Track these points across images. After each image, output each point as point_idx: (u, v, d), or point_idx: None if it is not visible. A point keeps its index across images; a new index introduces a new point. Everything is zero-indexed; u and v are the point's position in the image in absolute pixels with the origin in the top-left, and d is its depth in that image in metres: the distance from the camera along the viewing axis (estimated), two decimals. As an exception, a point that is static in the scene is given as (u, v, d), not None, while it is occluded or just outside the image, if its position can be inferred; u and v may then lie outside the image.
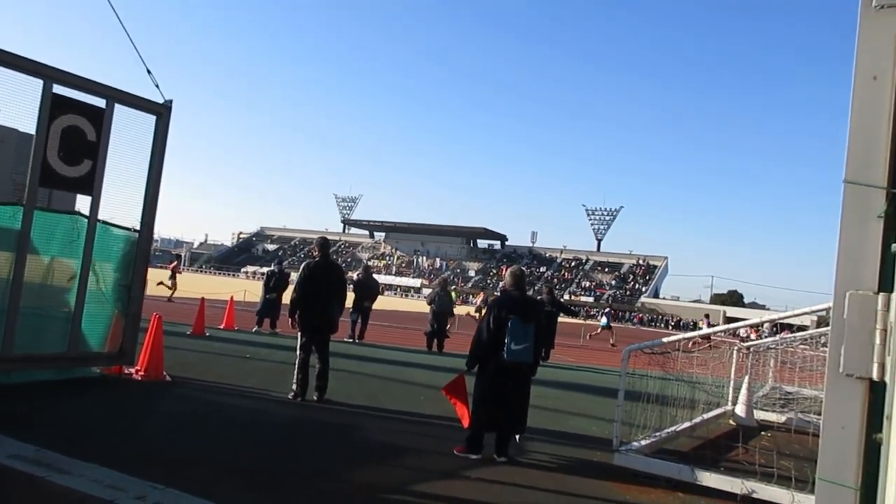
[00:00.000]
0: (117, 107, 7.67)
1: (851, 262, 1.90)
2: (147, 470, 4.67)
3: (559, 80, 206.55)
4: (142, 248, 8.12)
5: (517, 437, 6.41)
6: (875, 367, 1.81)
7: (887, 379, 1.75)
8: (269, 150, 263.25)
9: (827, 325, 11.46)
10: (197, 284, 25.95)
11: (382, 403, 8.32)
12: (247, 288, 29.74)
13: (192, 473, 4.81)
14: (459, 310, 21.71)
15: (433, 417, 7.66)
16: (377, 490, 4.90)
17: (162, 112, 8.13)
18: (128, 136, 7.92)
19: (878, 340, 1.81)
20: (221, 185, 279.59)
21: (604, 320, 30.56)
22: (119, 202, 8.00)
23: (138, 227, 8.13)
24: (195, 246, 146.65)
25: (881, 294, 1.83)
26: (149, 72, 8.06)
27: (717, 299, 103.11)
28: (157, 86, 8.08)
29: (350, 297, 10.89)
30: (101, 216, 7.66)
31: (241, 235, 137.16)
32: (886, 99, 1.92)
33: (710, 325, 30.55)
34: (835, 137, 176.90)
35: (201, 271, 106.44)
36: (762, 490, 5.38)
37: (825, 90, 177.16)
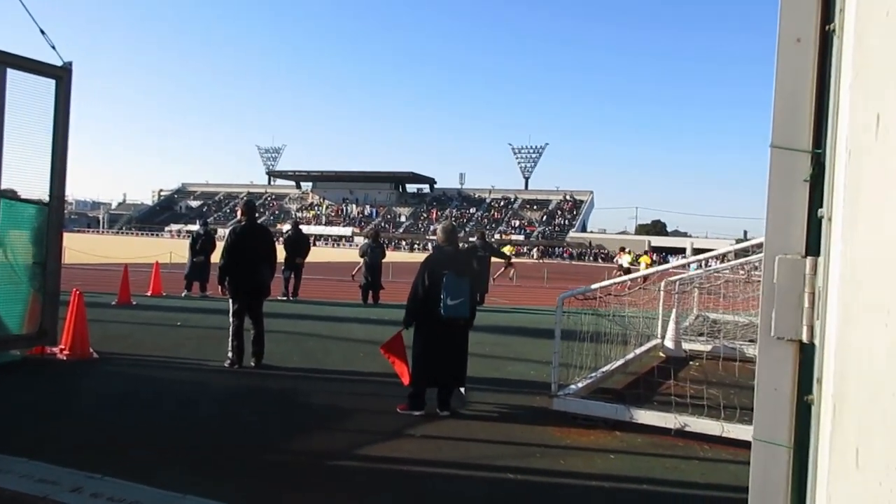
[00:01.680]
0: (11, 72, 7.11)
1: (780, 227, 1.91)
2: (80, 458, 4.51)
3: (480, 21, 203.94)
4: (54, 221, 7.68)
5: (462, 389, 6.49)
6: (805, 329, 1.84)
7: (816, 341, 1.79)
8: (186, 103, 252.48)
9: (746, 254, 11.95)
10: (119, 248, 24.81)
11: (322, 364, 8.27)
12: (172, 249, 28.79)
13: (129, 457, 4.68)
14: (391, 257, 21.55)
15: (374, 375, 7.67)
16: (323, 457, 4.90)
17: (62, 75, 7.59)
18: (26, 102, 7.38)
19: (806, 303, 1.84)
20: (138, 141, 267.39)
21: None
22: (24, 174, 7.51)
23: (47, 200, 7.67)
24: (113, 207, 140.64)
25: (809, 258, 1.85)
26: (42, 32, 7.48)
27: (642, 230, 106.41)
28: (53, 47, 7.52)
29: (281, 255, 10.68)
30: (3, 189, 7.18)
31: (162, 193, 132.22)
32: (810, 61, 1.91)
33: (636, 259, 31.40)
34: (741, 60, 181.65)
35: (122, 233, 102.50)
36: (694, 423, 5.63)
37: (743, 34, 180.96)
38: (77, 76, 7.72)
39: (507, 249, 31.73)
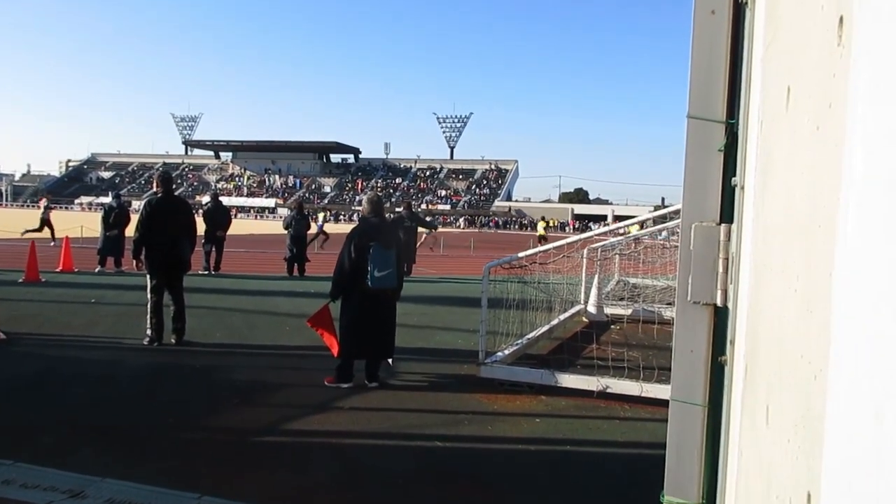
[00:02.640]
0: None
1: (696, 195, 1.97)
2: (-12, 445, 4.29)
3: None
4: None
5: (390, 360, 6.49)
6: (719, 293, 1.91)
7: (730, 305, 1.86)
8: (95, 66, 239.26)
9: (664, 220, 12.35)
10: (25, 222, 23.50)
11: (246, 339, 8.11)
12: (83, 223, 27.41)
13: (42, 441, 4.50)
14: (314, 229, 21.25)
15: (300, 348, 7.58)
16: (246, 433, 4.83)
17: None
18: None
19: (720, 269, 1.91)
20: (44, 108, 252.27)
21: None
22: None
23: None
24: (17, 178, 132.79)
25: (723, 225, 1.92)
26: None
27: (565, 198, 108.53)
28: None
29: (201, 228, 10.31)
30: None
31: (71, 164, 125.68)
32: (724, 34, 1.96)
33: (546, 226, 32.72)
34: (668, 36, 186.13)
35: (27, 206, 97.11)
36: (615, 384, 5.84)
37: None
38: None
39: (541, 226, 31.73)
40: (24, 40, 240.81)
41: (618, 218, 73.33)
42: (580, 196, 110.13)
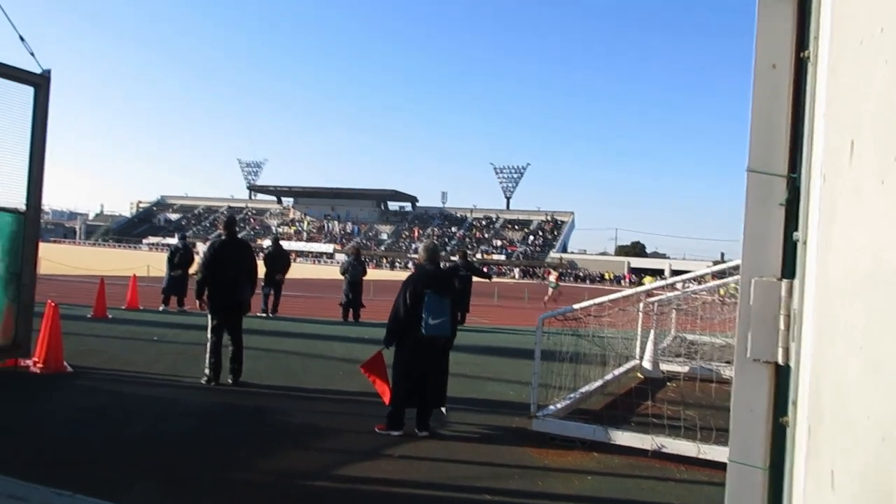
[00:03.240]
0: (-11, 79, 7.04)
1: (756, 250, 1.93)
2: (50, 474, 4.42)
3: (464, 41, 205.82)
4: (30, 232, 7.56)
5: (443, 409, 6.45)
6: (780, 351, 1.86)
7: (792, 363, 1.80)
8: (167, 113, 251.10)
9: (723, 276, 12.06)
10: (96, 260, 24.50)
11: (300, 382, 8.19)
12: (150, 262, 28.45)
13: (100, 474, 4.60)
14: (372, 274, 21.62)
15: (353, 394, 7.60)
16: (296, 476, 4.83)
17: (40, 83, 7.52)
18: (3, 110, 7.30)
19: (782, 326, 1.86)
20: (117, 150, 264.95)
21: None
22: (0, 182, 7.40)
23: (24, 209, 7.56)
24: (91, 217, 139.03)
25: (784, 280, 1.87)
26: (22, 39, 7.43)
27: (622, 251, 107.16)
28: (32, 54, 7.45)
29: (261, 271, 10.57)
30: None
31: (141, 205, 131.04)
32: (785, 87, 1.95)
33: (560, 276, 32.82)
34: (726, 93, 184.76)
35: (99, 245, 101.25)
36: (671, 444, 5.64)
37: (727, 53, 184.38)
38: (56, 84, 7.65)
39: (552, 277, 31.84)
40: (102, 90, 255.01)
41: (675, 272, 71.92)
42: (637, 249, 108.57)
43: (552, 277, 30.08)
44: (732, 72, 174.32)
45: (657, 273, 79.66)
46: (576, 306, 6.96)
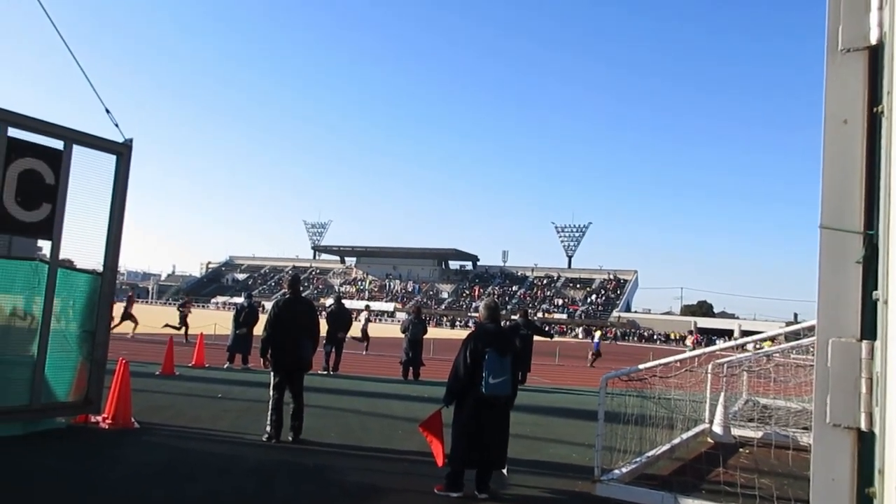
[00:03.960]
0: (76, 148, 7.49)
1: (832, 309, 1.86)
2: (115, 530, 4.47)
3: (524, 100, 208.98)
4: (105, 292, 7.89)
5: (504, 470, 6.31)
6: (863, 416, 1.76)
7: (876, 429, 1.70)
8: (236, 177, 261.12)
9: (797, 337, 11.58)
10: (166, 319, 25.48)
11: (360, 440, 8.16)
12: (217, 321, 29.19)
13: (163, 531, 4.63)
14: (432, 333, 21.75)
15: (412, 453, 7.52)
16: (357, 538, 4.76)
17: (122, 151, 7.97)
18: (88, 177, 7.72)
19: (864, 389, 1.77)
20: (188, 213, 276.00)
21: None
22: (80, 244, 7.77)
23: (101, 270, 7.91)
24: (163, 278, 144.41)
25: (865, 342, 1.79)
26: (107, 111, 7.92)
27: (688, 310, 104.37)
28: (116, 125, 7.93)
29: (323, 329, 10.71)
30: (62, 259, 7.45)
31: (210, 265, 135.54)
32: (858, 143, 1.90)
33: (696, 340, 32.02)
34: (793, 151, 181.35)
35: (170, 304, 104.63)
36: (746, 515, 5.35)
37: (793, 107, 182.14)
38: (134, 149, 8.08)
39: (598, 334, 31.10)
40: (175, 154, 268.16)
41: (745, 333, 69.48)
42: (704, 309, 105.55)
43: (597, 335, 29.75)
44: (801, 127, 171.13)
45: (726, 334, 77.16)
46: (640, 367, 6.78)
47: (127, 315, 23.17)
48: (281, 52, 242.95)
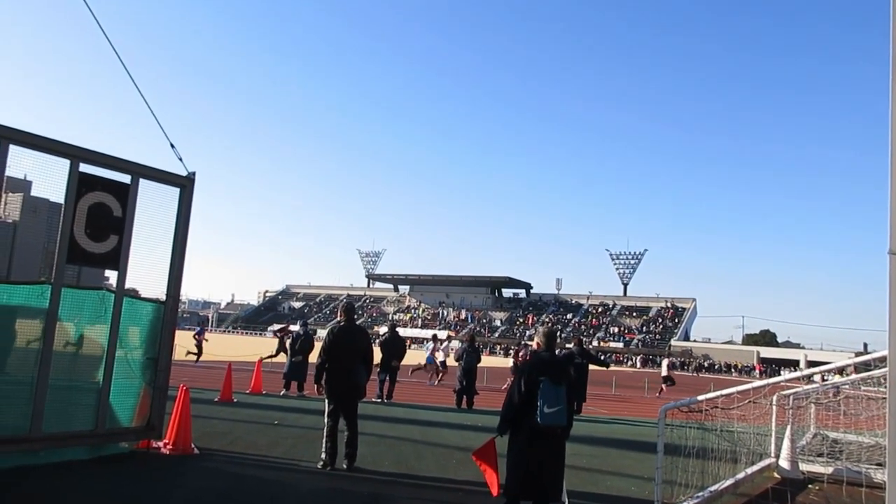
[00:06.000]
0: (142, 181, 7.79)
1: (905, 338, 1.78)
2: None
3: (578, 126, 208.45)
4: (168, 320, 8.12)
5: (565, 501, 6.17)
6: (941, 452, 1.67)
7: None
8: (293, 208, 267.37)
9: (867, 368, 11.09)
10: (224, 346, 26.04)
11: (413, 469, 8.12)
12: (274, 349, 29.65)
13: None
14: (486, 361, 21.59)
15: (466, 483, 7.44)
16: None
17: (186, 184, 8.24)
18: (153, 209, 8.01)
19: (941, 423, 1.68)
20: (247, 243, 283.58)
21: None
22: (145, 274, 8.05)
23: (164, 299, 8.15)
24: (222, 306, 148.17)
25: (941, 372, 1.70)
26: (172, 146, 8.21)
27: (750, 340, 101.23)
28: (180, 159, 8.21)
29: (377, 357, 10.79)
30: (127, 288, 7.71)
31: (267, 294, 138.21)
32: (928, 164, 1.83)
33: (672, 365, 31.09)
34: (856, 168, 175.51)
35: (229, 332, 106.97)
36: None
37: (848, 126, 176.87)
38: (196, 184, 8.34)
39: (665, 363, 30.05)
40: (237, 187, 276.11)
41: (811, 363, 66.86)
42: (767, 338, 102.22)
43: (664, 365, 29.03)
44: (868, 151, 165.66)
45: (791, 364, 74.42)
46: (700, 398, 6.58)
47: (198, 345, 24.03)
48: (338, 83, 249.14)
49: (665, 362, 29.44)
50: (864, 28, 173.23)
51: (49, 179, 7.10)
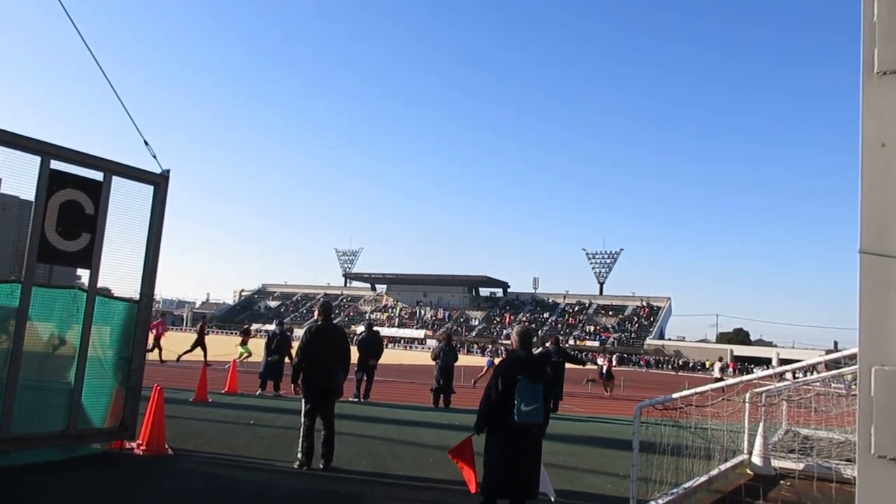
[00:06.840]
0: (115, 179, 7.67)
1: (875, 336, 1.82)
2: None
3: (555, 124, 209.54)
4: (141, 319, 8.01)
5: (551, 496, 6.20)
6: (909, 448, 1.71)
7: (925, 461, 1.65)
8: (269, 207, 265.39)
9: (837, 365, 11.29)
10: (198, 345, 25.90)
11: (390, 468, 8.11)
12: (249, 348, 29.39)
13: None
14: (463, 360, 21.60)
15: (443, 482, 7.44)
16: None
17: (160, 182, 8.13)
18: (126, 207, 7.88)
19: (910, 419, 1.72)
20: (222, 243, 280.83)
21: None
22: (118, 273, 7.91)
23: (137, 298, 8.04)
24: (197, 305, 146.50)
25: (909, 370, 1.74)
26: (146, 143, 8.10)
27: (724, 338, 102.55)
28: (154, 156, 8.10)
29: (354, 356, 10.75)
30: (99, 287, 7.59)
31: (243, 293, 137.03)
32: (897, 165, 1.87)
33: (722, 368, 30.98)
34: (829, 169, 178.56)
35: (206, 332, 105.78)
36: (788, 550, 5.18)
37: (823, 130, 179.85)
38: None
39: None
40: (209, 184, 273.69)
41: (783, 361, 67.93)
42: (740, 337, 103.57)
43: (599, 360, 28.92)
44: (838, 150, 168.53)
45: (764, 362, 75.51)
46: (675, 395, 6.65)
47: (200, 342, 23.67)
48: (315, 82, 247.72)
49: (600, 360, 29.34)
50: (829, 30, 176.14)
51: (19, 176, 6.95)
